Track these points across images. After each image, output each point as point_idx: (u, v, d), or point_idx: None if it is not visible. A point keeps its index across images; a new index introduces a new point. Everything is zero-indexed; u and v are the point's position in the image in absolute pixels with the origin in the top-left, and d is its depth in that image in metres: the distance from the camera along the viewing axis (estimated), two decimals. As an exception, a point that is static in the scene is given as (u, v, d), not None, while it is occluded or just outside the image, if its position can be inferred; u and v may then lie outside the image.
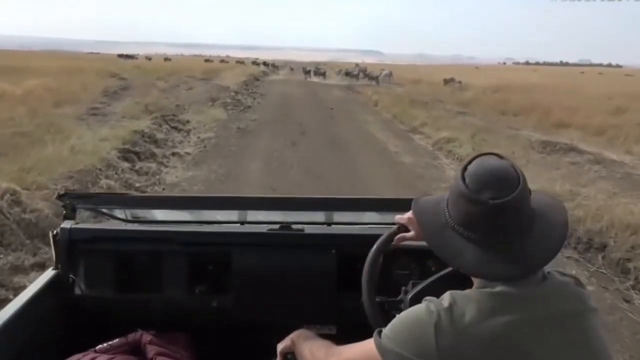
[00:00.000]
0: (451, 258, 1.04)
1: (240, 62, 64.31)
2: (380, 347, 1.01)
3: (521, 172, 1.01)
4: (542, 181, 7.30)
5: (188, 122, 13.22)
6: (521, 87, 27.31)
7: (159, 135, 10.20)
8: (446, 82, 30.45)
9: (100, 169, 7.00)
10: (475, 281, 1.04)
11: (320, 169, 8.42)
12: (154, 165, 7.98)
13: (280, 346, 1.38)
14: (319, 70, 36.69)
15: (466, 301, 0.96)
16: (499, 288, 0.97)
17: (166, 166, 8.29)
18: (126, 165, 7.64)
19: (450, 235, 1.04)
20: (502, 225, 0.98)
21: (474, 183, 0.99)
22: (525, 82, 32.06)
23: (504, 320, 0.93)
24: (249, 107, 17.00)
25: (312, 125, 13.35)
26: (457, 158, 9.52)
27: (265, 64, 54.89)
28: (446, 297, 0.99)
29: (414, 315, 1.00)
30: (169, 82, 28.20)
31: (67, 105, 13.31)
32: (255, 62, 58.82)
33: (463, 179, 1.01)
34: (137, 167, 7.70)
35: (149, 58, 66.00)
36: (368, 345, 1.06)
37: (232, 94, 19.80)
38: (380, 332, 1.04)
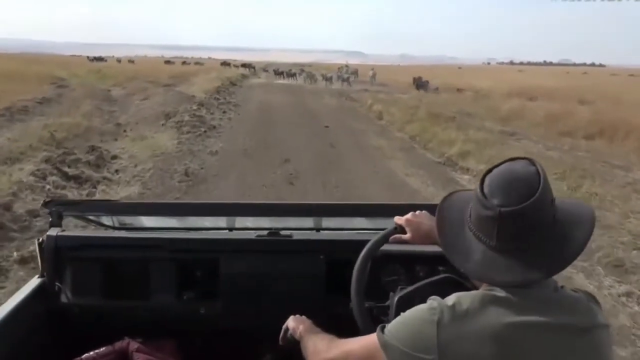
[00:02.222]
0: (458, 257, 1.04)
1: (198, 63, 59.26)
2: (382, 342, 1.00)
3: (545, 181, 0.96)
4: None
5: (114, 159, 8.56)
6: (546, 92, 23.05)
7: (22, 205, 5.48)
8: (415, 81, 27.77)
9: None
10: (483, 284, 1.02)
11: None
12: None
13: (291, 323, 1.36)
14: (290, 71, 37.72)
15: (470, 301, 0.96)
16: (504, 293, 0.96)
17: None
18: None
19: (467, 233, 1.04)
20: (509, 232, 0.96)
21: (489, 187, 0.98)
22: (541, 85, 27.73)
23: (506, 323, 0.92)
24: (214, 127, 12.22)
25: (305, 163, 8.72)
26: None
27: (244, 65, 49.97)
28: (451, 297, 0.98)
29: (417, 312, 1.00)
30: (127, 88, 23.56)
31: None
32: (225, 63, 53.16)
33: (482, 181, 1.01)
34: None
35: (118, 60, 60.60)
36: (370, 339, 1.05)
37: (195, 106, 14.99)
38: (383, 328, 1.03)
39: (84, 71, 31.68)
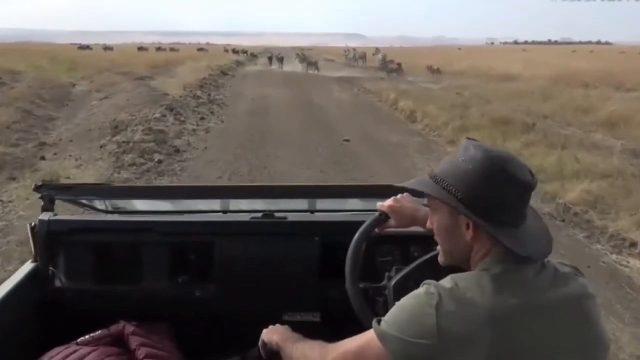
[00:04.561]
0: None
1: (173, 49, 50.99)
2: (379, 334, 0.97)
3: None
4: None
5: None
6: (600, 77, 18.75)
7: None
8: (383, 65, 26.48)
9: None
10: (477, 264, 1.01)
11: None
12: None
13: (265, 337, 1.32)
14: (278, 55, 36.85)
15: (468, 282, 0.95)
16: (499, 271, 0.96)
17: None
18: None
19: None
20: (527, 204, 1.00)
21: (509, 167, 0.96)
22: (581, 68, 23.24)
23: (504, 302, 0.91)
24: (178, 151, 7.95)
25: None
26: None
27: (234, 51, 45.57)
28: (447, 279, 0.97)
29: (414, 299, 0.97)
30: (95, 82, 19.53)
31: None
32: (201, 49, 48.57)
33: (492, 160, 0.97)
34: None
35: (104, 48, 56.04)
36: (366, 335, 1.02)
37: (160, 113, 10.68)
38: (379, 321, 1.00)
39: (44, 63, 27.23)
